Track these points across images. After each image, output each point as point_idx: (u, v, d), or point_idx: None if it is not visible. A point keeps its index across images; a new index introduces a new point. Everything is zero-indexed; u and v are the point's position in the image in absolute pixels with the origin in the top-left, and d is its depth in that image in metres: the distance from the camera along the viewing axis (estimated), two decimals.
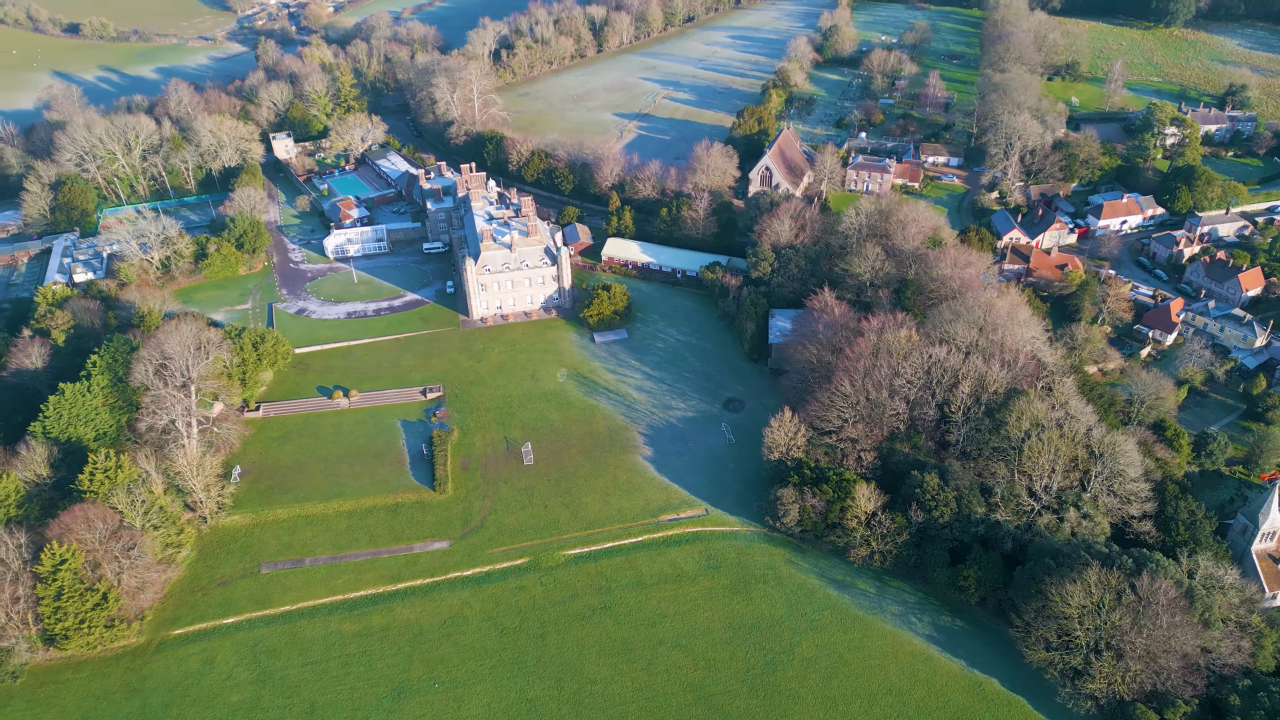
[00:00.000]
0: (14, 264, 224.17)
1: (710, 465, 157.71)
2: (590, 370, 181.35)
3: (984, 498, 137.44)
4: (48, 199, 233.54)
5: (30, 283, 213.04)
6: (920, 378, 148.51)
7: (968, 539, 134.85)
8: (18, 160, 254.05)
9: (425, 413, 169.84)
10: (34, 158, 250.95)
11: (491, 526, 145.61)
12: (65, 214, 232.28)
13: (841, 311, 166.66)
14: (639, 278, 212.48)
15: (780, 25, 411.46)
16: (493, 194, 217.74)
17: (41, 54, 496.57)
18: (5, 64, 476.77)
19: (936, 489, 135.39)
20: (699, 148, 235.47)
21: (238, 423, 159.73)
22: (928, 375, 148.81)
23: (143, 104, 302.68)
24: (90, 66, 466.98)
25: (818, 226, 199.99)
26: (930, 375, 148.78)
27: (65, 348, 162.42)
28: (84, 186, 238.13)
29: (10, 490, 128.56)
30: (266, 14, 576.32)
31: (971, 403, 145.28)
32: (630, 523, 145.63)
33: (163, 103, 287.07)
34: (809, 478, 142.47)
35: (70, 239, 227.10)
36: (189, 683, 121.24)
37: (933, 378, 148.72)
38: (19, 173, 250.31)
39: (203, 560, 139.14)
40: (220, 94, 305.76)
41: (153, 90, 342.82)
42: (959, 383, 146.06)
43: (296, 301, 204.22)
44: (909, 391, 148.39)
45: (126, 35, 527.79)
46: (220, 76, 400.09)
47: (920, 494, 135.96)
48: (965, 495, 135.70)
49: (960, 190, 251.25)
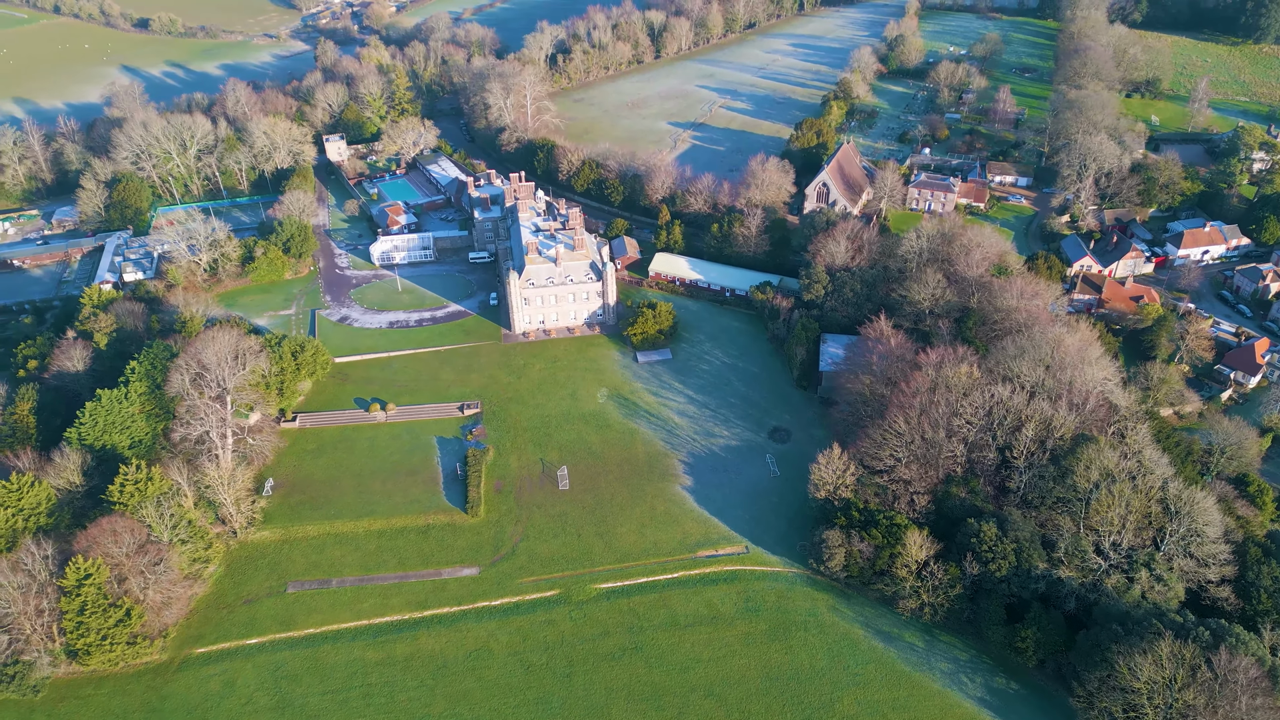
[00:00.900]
0: (68, 260, 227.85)
1: (753, 499, 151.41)
2: (631, 391, 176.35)
3: (1046, 552, 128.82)
4: (103, 196, 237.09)
5: (81, 280, 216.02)
6: (980, 418, 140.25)
7: (1027, 595, 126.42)
8: (77, 156, 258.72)
9: (462, 430, 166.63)
10: (93, 154, 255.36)
11: (522, 554, 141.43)
12: (119, 212, 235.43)
13: (898, 342, 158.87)
14: (686, 295, 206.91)
15: (844, 33, 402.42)
16: (540, 204, 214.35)
17: (111, 48, 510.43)
18: (77, 57, 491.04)
19: (994, 540, 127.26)
20: (754, 162, 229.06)
21: (273, 433, 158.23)
22: (989, 416, 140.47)
23: (202, 102, 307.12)
24: (157, 62, 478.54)
25: (875, 249, 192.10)
26: (991, 416, 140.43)
27: (107, 351, 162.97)
28: (139, 185, 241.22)
29: (41, 498, 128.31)
30: (330, 12, 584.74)
31: (1036, 448, 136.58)
32: (666, 557, 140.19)
33: (221, 102, 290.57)
34: (857, 520, 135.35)
35: (123, 237, 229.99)
36: (208, 705, 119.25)
37: (994, 419, 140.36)
38: (78, 169, 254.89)
39: (230, 576, 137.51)
40: (278, 94, 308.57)
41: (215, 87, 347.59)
42: (1023, 425, 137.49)
43: (340, 309, 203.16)
44: (968, 432, 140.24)
45: (194, 31, 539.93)
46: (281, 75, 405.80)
47: (976, 544, 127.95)
48: (1025, 548, 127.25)
49: (1029, 212, 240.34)
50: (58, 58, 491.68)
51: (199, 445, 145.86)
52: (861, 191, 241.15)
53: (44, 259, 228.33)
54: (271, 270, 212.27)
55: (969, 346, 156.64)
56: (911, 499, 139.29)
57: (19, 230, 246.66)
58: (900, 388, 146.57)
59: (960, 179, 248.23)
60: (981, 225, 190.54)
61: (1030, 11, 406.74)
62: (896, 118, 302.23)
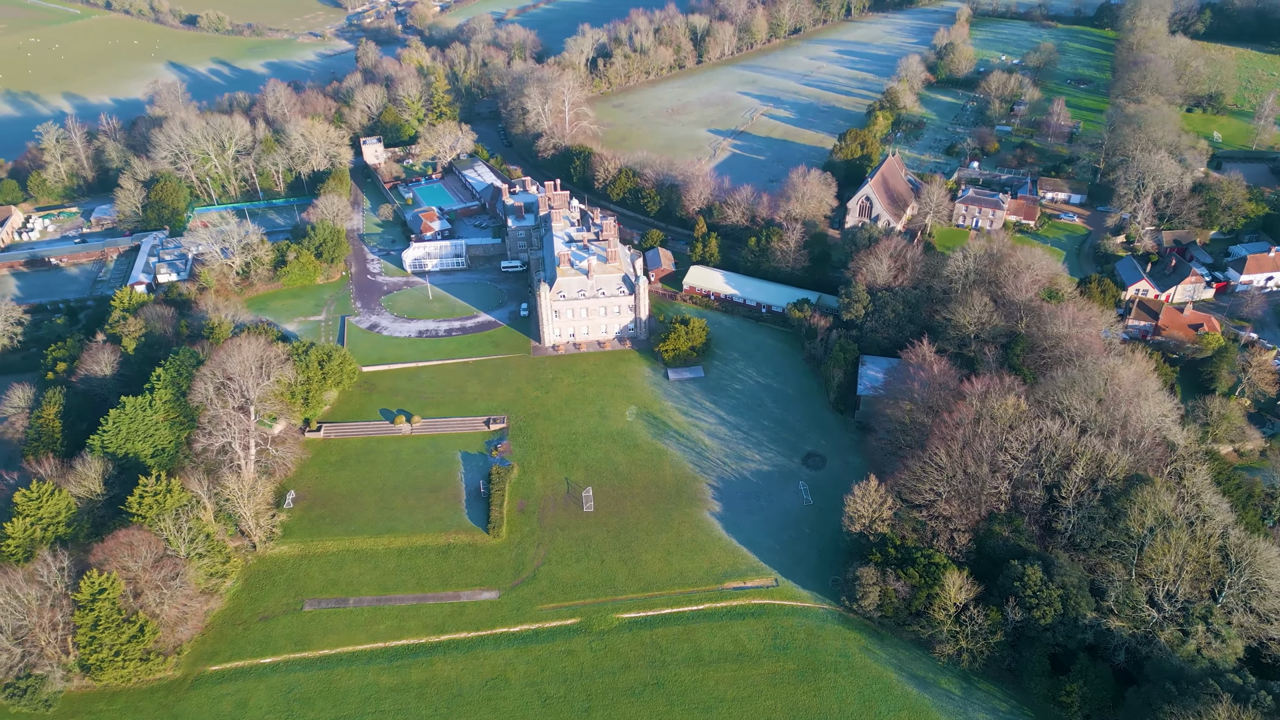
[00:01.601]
0: (104, 260, 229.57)
1: (784, 528, 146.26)
2: (661, 410, 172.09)
3: (1095, 600, 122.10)
4: (140, 196, 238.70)
5: (116, 280, 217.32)
6: (1027, 454, 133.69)
7: (1073, 645, 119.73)
8: (118, 155, 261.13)
9: (487, 445, 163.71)
10: (133, 153, 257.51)
11: (544, 579, 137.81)
12: (156, 212, 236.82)
13: (941, 369, 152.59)
14: (721, 310, 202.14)
15: (891, 40, 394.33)
16: (575, 214, 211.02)
17: (160, 44, 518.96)
18: (126, 53, 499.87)
19: (1039, 584, 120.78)
20: (795, 174, 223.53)
21: (297, 444, 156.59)
22: (1036, 451, 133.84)
23: (244, 102, 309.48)
24: (204, 59, 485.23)
25: (919, 268, 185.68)
26: (1039, 452, 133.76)
27: (135, 355, 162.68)
28: (176, 185, 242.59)
29: (61, 507, 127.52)
30: (375, 11, 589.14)
31: (1086, 488, 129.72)
32: (692, 587, 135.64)
33: (261, 102, 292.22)
34: (893, 558, 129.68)
35: (159, 237, 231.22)
36: None
37: (1042, 454, 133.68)
38: (119, 167, 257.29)
39: (247, 591, 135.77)
40: (318, 95, 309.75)
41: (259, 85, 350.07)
42: (1072, 463, 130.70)
43: (370, 316, 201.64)
44: (1013, 468, 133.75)
45: (240, 29, 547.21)
46: (323, 75, 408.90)
47: (1020, 588, 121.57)
48: (1073, 595, 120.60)
49: (1081, 231, 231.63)
50: (107, 53, 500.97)
51: (221, 455, 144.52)
52: (906, 206, 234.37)
53: (80, 257, 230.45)
54: (303, 275, 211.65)
55: (1016, 376, 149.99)
56: (951, 536, 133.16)
57: (59, 227, 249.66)
58: (942, 418, 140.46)
59: (1010, 195, 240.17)
60: (1031, 245, 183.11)
61: (1087, 20, 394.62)
62: (944, 129, 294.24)
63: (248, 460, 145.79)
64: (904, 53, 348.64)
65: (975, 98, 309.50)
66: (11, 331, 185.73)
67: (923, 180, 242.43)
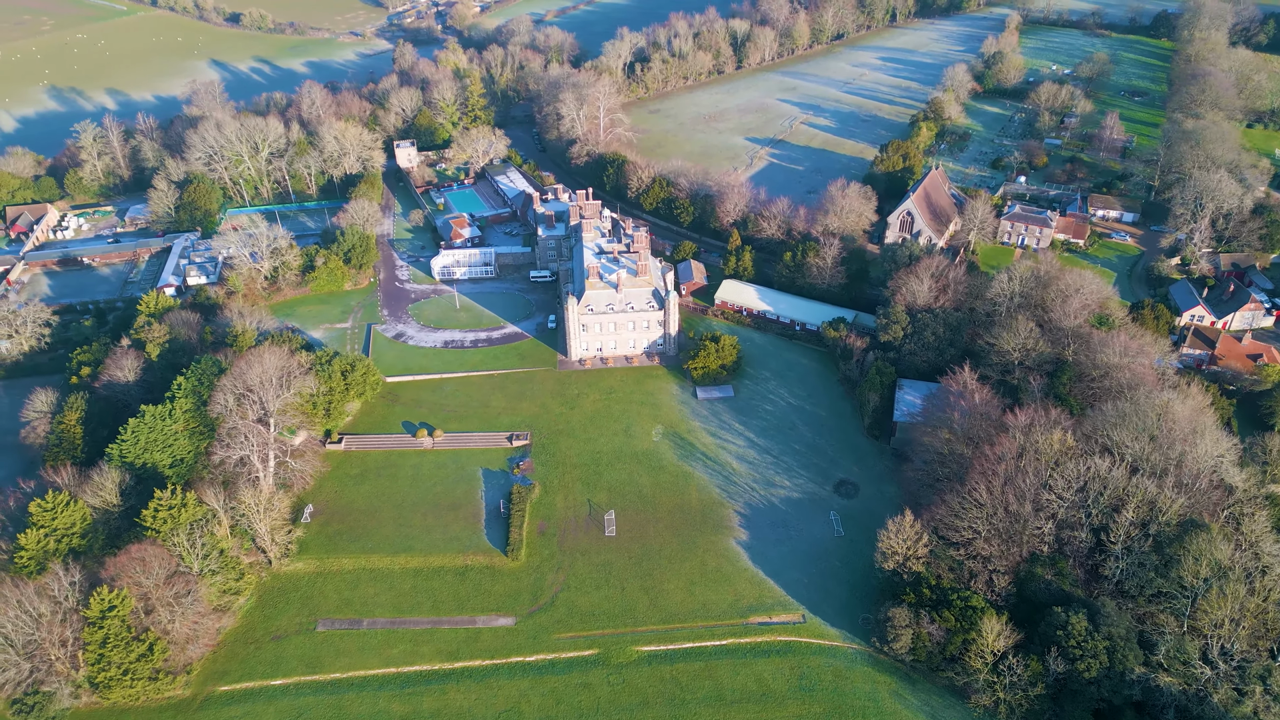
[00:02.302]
0: (135, 260, 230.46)
1: (813, 560, 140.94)
2: (689, 430, 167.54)
3: (1144, 653, 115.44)
4: (173, 197, 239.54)
5: (147, 281, 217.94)
6: (1074, 493, 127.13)
7: (1119, 701, 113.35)
8: (154, 154, 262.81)
9: (509, 462, 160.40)
10: (169, 153, 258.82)
11: (562, 606, 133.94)
12: (189, 213, 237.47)
13: (983, 398, 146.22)
14: (753, 326, 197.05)
15: (937, 48, 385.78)
16: (606, 224, 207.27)
17: (203, 42, 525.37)
18: (169, 50, 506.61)
19: (1084, 634, 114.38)
20: (833, 187, 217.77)
21: (316, 457, 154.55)
22: (1083, 491, 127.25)
23: (281, 102, 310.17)
24: (245, 57, 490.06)
25: (962, 289, 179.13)
26: (1086, 492, 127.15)
27: (158, 362, 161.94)
28: (209, 186, 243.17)
29: (76, 519, 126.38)
30: (416, 11, 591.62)
31: (1136, 532, 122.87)
32: (715, 621, 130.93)
33: (296, 103, 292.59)
34: (928, 599, 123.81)
35: (190, 239, 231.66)
36: None
37: (1089, 494, 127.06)
38: (154, 166, 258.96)
39: (261, 609, 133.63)
40: (354, 96, 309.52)
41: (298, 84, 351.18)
42: (1122, 505, 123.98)
43: (396, 324, 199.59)
44: (1058, 508, 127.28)
45: (283, 27, 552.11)
46: (361, 75, 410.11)
47: (1063, 637, 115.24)
48: (1120, 647, 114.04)
49: (1133, 252, 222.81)
50: (151, 50, 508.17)
51: (240, 467, 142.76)
52: (949, 222, 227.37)
53: (113, 258, 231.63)
54: (331, 280, 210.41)
55: (1063, 407, 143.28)
56: (990, 578, 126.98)
57: (93, 226, 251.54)
58: (983, 450, 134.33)
59: (1059, 212, 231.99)
60: (1081, 266, 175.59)
61: (1143, 29, 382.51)
62: (990, 141, 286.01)
63: (266, 473, 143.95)
64: (950, 61, 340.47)
65: (1024, 109, 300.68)
66: (40, 333, 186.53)
67: (967, 195, 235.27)
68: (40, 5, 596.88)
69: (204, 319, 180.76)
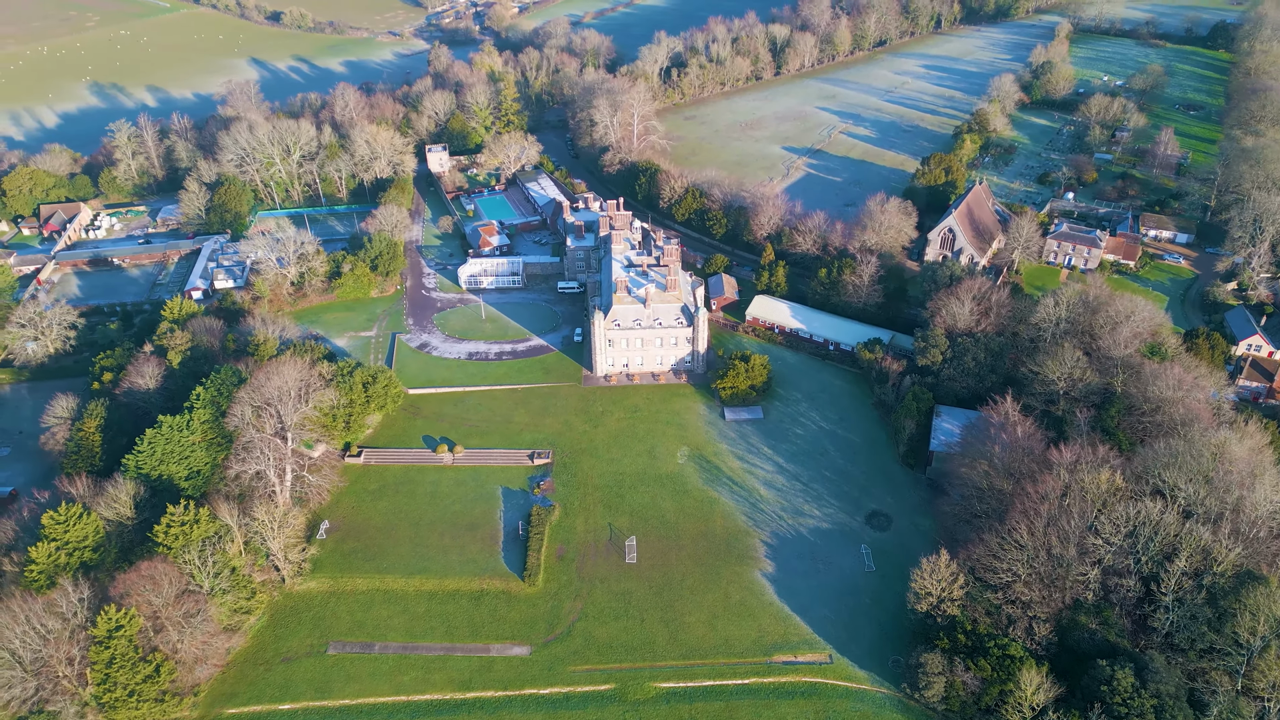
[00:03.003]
0: (165, 262, 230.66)
1: (842, 597, 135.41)
2: (715, 453, 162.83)
3: (1195, 712, 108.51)
4: (204, 198, 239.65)
5: (175, 284, 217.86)
6: (1122, 538, 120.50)
7: None
8: (187, 155, 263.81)
9: (530, 481, 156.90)
10: (202, 154, 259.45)
11: (579, 636, 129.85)
12: (219, 215, 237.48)
13: (1025, 431, 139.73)
14: (784, 344, 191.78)
15: (983, 56, 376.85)
16: (636, 235, 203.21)
17: (243, 39, 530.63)
18: (210, 47, 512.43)
19: (1130, 691, 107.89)
20: (872, 202, 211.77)
21: (334, 470, 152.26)
22: (1132, 536, 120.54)
23: (315, 103, 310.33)
24: (284, 55, 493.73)
25: (1005, 313, 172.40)
26: (1136, 537, 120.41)
27: (180, 370, 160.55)
28: (240, 188, 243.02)
29: (89, 531, 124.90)
30: (454, 12, 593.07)
31: (1189, 582, 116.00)
32: (738, 658, 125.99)
33: (330, 105, 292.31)
34: (963, 645, 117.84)
35: (220, 242, 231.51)
36: None
37: (1139, 540, 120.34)
38: (187, 166, 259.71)
39: (272, 628, 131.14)
40: (387, 99, 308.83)
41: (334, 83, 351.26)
42: (1175, 553, 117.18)
43: (421, 334, 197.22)
44: (1104, 553, 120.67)
45: (322, 26, 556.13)
46: (396, 75, 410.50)
47: (1108, 693, 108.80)
48: (1169, 706, 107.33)
49: (1187, 275, 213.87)
50: (192, 47, 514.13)
51: (256, 481, 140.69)
52: (992, 239, 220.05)
53: (142, 259, 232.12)
54: (357, 287, 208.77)
55: (1111, 444, 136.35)
56: (1030, 625, 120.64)
57: (125, 226, 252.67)
58: (1025, 489, 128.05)
59: (1108, 231, 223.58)
60: (1133, 296, 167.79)
61: (1199, 40, 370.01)
62: (1037, 155, 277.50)
63: (282, 488, 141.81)
64: (996, 70, 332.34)
65: (1073, 121, 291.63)
66: (65, 335, 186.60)
67: (1012, 211, 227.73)
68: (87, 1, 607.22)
69: (228, 325, 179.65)
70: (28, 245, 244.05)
